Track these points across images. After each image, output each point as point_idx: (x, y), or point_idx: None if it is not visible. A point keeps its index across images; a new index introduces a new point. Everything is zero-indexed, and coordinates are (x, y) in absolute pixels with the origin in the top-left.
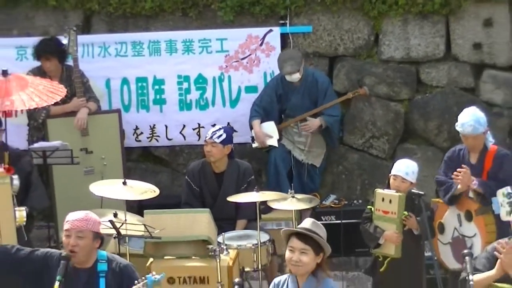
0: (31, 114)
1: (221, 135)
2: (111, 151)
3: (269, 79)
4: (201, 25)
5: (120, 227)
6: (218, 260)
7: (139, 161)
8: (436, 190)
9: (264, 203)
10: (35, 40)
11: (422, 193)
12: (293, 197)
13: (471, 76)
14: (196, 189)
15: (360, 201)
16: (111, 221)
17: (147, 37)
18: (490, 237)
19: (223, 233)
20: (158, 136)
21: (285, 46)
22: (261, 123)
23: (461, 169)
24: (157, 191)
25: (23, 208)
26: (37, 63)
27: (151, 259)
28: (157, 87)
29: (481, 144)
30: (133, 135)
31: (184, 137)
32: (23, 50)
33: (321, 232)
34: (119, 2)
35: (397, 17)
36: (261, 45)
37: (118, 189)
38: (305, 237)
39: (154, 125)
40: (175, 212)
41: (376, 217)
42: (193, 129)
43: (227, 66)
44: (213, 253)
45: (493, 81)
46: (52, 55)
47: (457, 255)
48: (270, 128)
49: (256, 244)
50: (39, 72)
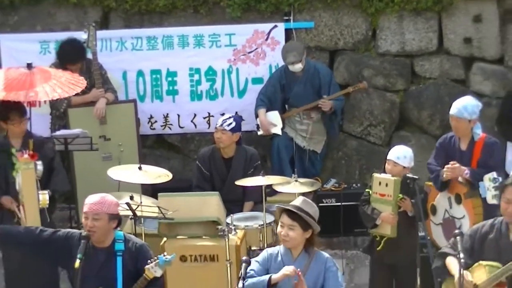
0: (54, 104)
1: (230, 123)
2: (127, 139)
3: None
4: (211, 21)
5: (136, 209)
6: (226, 240)
7: (153, 147)
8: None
9: (269, 186)
10: (57, 35)
11: (416, 177)
12: (296, 181)
13: (462, 68)
14: (207, 173)
15: (359, 184)
16: (127, 204)
17: (161, 32)
18: (477, 218)
19: (231, 215)
20: (171, 125)
21: (288, 41)
22: (266, 112)
23: (450, 165)
24: (170, 176)
25: (46, 192)
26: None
27: (164, 239)
28: (170, 78)
29: (464, 130)
30: (148, 123)
31: (195, 125)
32: (46, 45)
33: (311, 209)
34: None
35: (393, 14)
36: (266, 39)
37: (134, 173)
38: (293, 214)
39: (167, 114)
40: (187, 195)
41: (373, 199)
42: (204, 118)
43: (235, 59)
44: (222, 233)
45: (482, 73)
46: (75, 63)
47: (448, 235)
48: (274, 117)
49: (262, 225)
50: (61, 65)
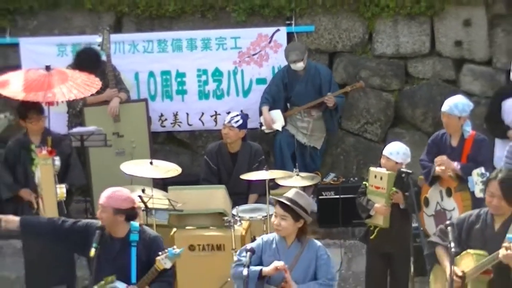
0: (70, 103)
1: (238, 121)
2: (139, 135)
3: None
4: (218, 25)
5: (147, 201)
6: (232, 230)
7: (163, 144)
8: None
9: (272, 180)
10: (73, 38)
11: (410, 171)
12: (297, 175)
13: (453, 69)
14: (214, 167)
15: (356, 178)
16: (140, 196)
17: (171, 35)
18: (466, 211)
19: (236, 207)
20: (180, 122)
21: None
22: (269, 110)
23: (440, 158)
24: (180, 170)
25: (63, 186)
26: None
27: (174, 229)
28: (179, 79)
29: (455, 126)
30: (159, 121)
31: (203, 123)
32: (63, 47)
33: (303, 201)
34: (146, 5)
35: (388, 18)
36: (269, 42)
37: (145, 168)
38: (285, 205)
39: (177, 112)
40: (195, 188)
41: (369, 191)
42: (211, 116)
43: (240, 61)
44: (228, 224)
45: (471, 74)
46: (91, 71)
47: (439, 225)
48: (277, 115)
49: (265, 216)
50: (77, 65)
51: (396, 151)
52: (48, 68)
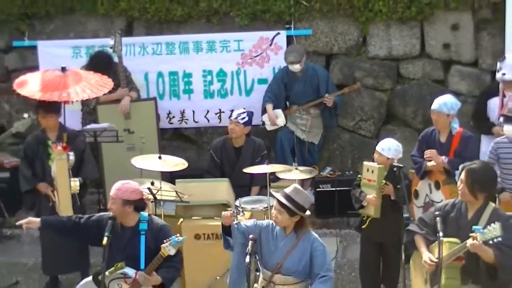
0: (84, 101)
1: (244, 118)
2: (148, 132)
3: None
4: (222, 29)
5: (156, 193)
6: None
7: (171, 139)
8: None
9: (273, 173)
10: (87, 41)
11: (402, 165)
12: (296, 168)
13: (441, 70)
14: (217, 161)
15: (351, 172)
16: (149, 188)
17: (178, 39)
18: None
19: (239, 198)
20: (187, 119)
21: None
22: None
23: (429, 151)
24: (186, 164)
25: (76, 179)
26: (88, 59)
27: (181, 219)
28: (186, 79)
29: (443, 123)
30: (167, 118)
31: (208, 120)
32: (78, 50)
33: (299, 198)
34: (155, 10)
35: (381, 23)
36: (270, 45)
37: (154, 162)
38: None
39: (184, 110)
40: (201, 181)
41: (362, 184)
42: (215, 114)
43: (243, 62)
44: None
45: (459, 75)
46: (105, 72)
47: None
48: (278, 113)
49: (266, 207)
50: (90, 67)
51: (388, 147)
52: (63, 69)
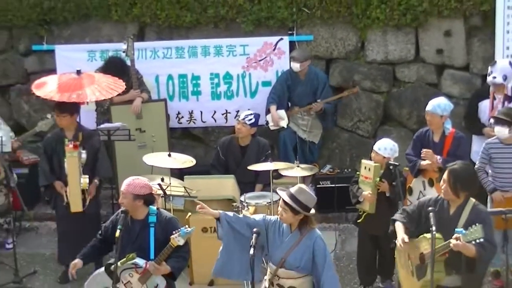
0: (99, 102)
1: (251, 119)
2: (159, 131)
3: None
4: (228, 35)
5: (166, 188)
6: (240, 214)
7: (180, 138)
8: None
9: (276, 171)
10: (102, 46)
11: (397, 164)
12: (298, 166)
13: (435, 74)
14: (222, 158)
15: (350, 170)
16: (159, 184)
17: (187, 43)
18: None
19: (244, 194)
20: (195, 119)
21: (292, 51)
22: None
23: (425, 150)
24: (194, 162)
25: (86, 176)
26: (102, 62)
27: (189, 213)
28: (194, 81)
29: (437, 124)
30: (176, 118)
31: (215, 120)
32: (93, 53)
33: (303, 197)
34: (166, 16)
35: (378, 29)
36: (274, 50)
37: (164, 159)
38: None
39: (192, 111)
40: (208, 177)
41: (360, 181)
42: (222, 114)
43: (248, 66)
44: (236, 209)
45: (451, 78)
46: (119, 76)
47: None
48: (282, 114)
49: (269, 202)
50: (105, 71)
51: (384, 146)
52: (78, 72)
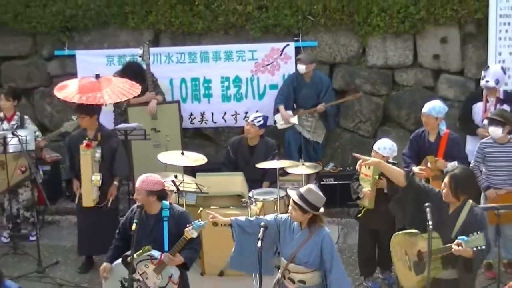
0: (116, 103)
1: (260, 121)
2: (173, 131)
3: None
4: (238, 41)
5: (179, 185)
6: (249, 209)
7: (192, 138)
8: None
9: (282, 168)
10: (119, 51)
11: (396, 162)
12: (303, 164)
13: (432, 78)
14: (232, 157)
15: (351, 167)
16: (173, 181)
17: (199, 49)
18: None
19: (252, 190)
20: (207, 120)
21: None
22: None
23: (422, 169)
24: (206, 160)
25: (98, 174)
26: (120, 67)
27: (201, 208)
28: (206, 85)
29: (432, 125)
30: (189, 119)
31: (225, 121)
32: (111, 58)
33: (312, 197)
34: (179, 24)
35: (378, 36)
36: (280, 55)
37: (177, 158)
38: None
39: (204, 112)
40: (218, 175)
41: (360, 178)
42: (232, 115)
43: (256, 70)
44: (245, 204)
45: (447, 82)
46: (136, 81)
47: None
48: (289, 114)
49: (276, 198)
50: (122, 74)
51: (383, 146)
52: (97, 76)
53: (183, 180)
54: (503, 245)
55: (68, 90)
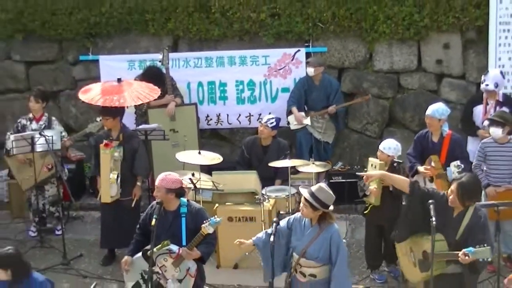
0: (137, 105)
1: (272, 123)
2: (190, 131)
3: None
4: (252, 46)
5: (196, 182)
6: (262, 206)
7: (209, 138)
8: None
9: (293, 167)
10: (140, 56)
11: (401, 161)
12: (313, 163)
13: (435, 82)
14: (246, 156)
15: (359, 166)
16: (190, 179)
17: (215, 54)
18: None
19: (265, 187)
20: (222, 121)
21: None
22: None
23: (427, 168)
24: (221, 159)
25: (116, 172)
26: (141, 71)
27: (217, 205)
28: (221, 88)
29: (435, 126)
30: (205, 120)
31: (240, 122)
32: (132, 63)
33: (322, 196)
34: (196, 30)
35: (384, 42)
36: (292, 60)
37: (195, 157)
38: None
39: (219, 114)
40: (233, 173)
41: None
42: (246, 117)
43: (269, 74)
44: (258, 201)
45: (449, 86)
46: (156, 84)
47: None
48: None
49: (288, 195)
50: (143, 78)
51: (388, 146)
52: (119, 80)
53: (200, 178)
54: (503, 240)
55: (91, 93)
